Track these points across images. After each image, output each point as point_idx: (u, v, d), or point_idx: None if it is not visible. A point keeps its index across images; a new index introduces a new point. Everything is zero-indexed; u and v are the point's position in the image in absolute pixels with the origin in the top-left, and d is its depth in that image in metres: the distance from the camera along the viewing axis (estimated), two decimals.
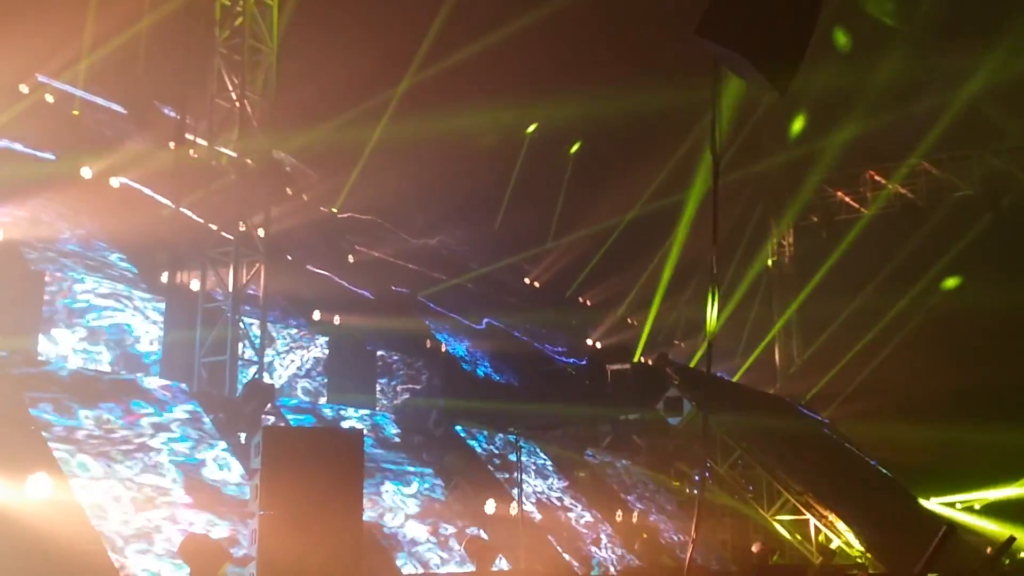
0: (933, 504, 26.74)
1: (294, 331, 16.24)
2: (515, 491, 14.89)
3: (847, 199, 28.76)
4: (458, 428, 17.59)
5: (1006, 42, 23.63)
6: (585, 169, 27.15)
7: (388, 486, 14.32)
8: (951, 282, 28.63)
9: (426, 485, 15.11)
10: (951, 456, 27.30)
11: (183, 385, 13.20)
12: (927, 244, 27.25)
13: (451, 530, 14.31)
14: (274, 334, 15.30)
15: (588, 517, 17.78)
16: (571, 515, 17.48)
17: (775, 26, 4.18)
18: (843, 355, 28.98)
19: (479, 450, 17.57)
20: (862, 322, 29.99)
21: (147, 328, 13.54)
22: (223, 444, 12.44)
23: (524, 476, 15.88)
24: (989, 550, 18.25)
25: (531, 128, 26.63)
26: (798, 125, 29.12)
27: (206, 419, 12.75)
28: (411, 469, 15.26)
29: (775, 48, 4.19)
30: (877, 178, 28.18)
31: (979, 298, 26.49)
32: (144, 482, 10.83)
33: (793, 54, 4.34)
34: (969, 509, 28.66)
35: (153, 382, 12.78)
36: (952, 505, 27.41)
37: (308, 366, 16.08)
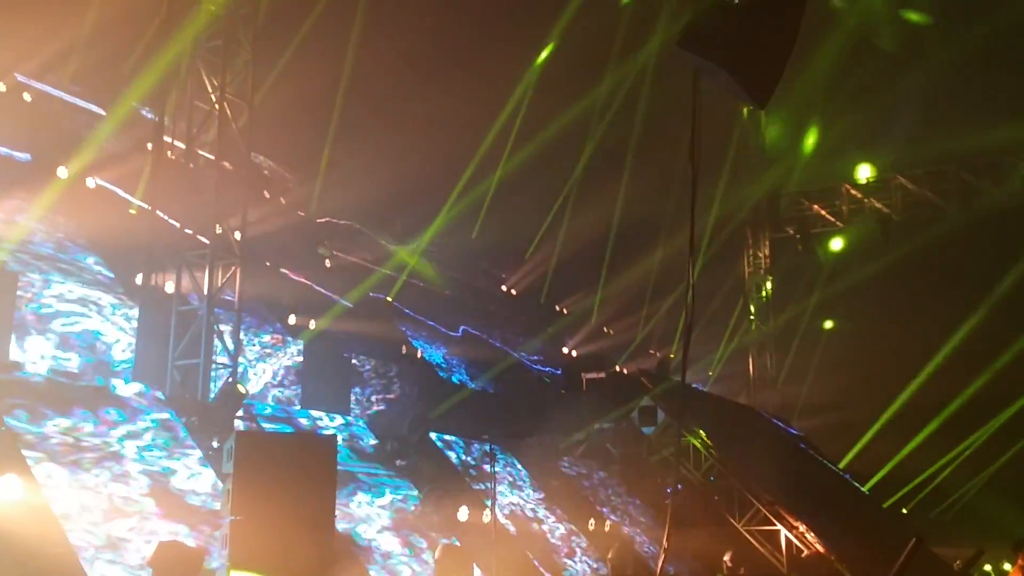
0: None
1: (267, 338, 16.14)
2: (489, 501, 14.86)
3: (823, 212, 29.00)
4: (433, 435, 17.55)
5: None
6: (562, 177, 27.17)
7: (361, 496, 14.24)
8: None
9: (400, 496, 15.04)
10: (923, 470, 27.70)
11: (158, 393, 13.07)
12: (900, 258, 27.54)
13: (424, 543, 14.24)
14: (246, 341, 15.18)
15: (562, 529, 17.77)
16: (545, 527, 17.47)
17: (756, 40, 4.22)
18: (817, 368, 29.21)
19: (454, 459, 17.53)
20: (837, 335, 30.27)
21: (117, 336, 13.38)
22: (195, 453, 12.33)
23: (499, 487, 15.86)
24: (958, 564, 18.36)
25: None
26: (773, 134, 29.55)
27: (180, 428, 12.63)
28: (385, 480, 15.19)
29: (755, 61, 4.23)
30: (853, 192, 28.41)
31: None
32: (113, 491, 10.71)
33: (773, 68, 4.37)
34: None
35: (127, 389, 12.63)
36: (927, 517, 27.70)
37: (281, 374, 15.99)
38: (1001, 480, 27.81)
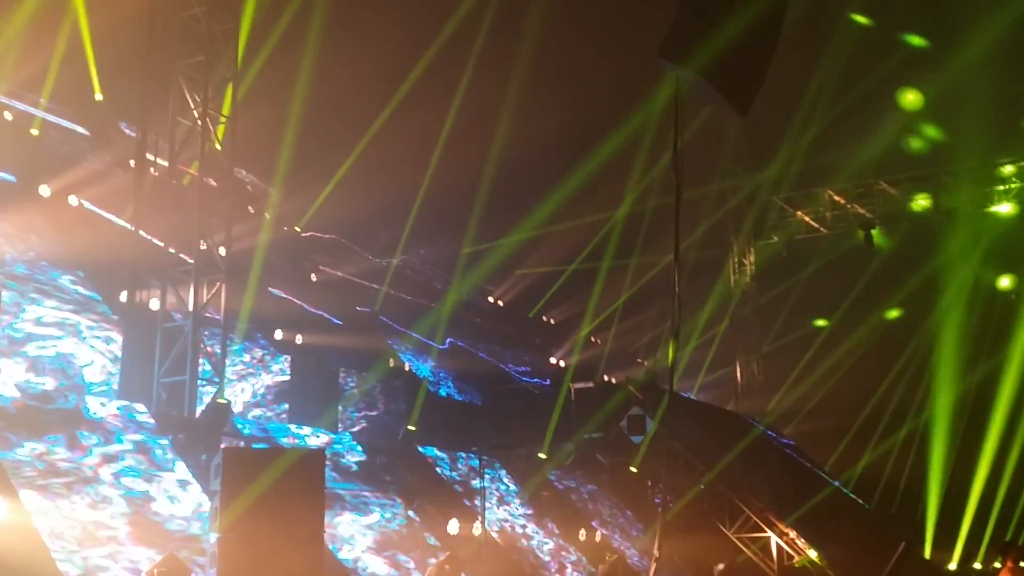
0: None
1: (248, 358, 16.06)
2: (479, 515, 14.84)
3: (807, 219, 29.10)
4: (421, 448, 17.49)
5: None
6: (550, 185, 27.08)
7: (346, 516, 14.14)
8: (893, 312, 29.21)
9: (387, 515, 14.93)
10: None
11: (137, 414, 12.91)
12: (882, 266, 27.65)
13: (411, 562, 14.15)
14: (229, 359, 15.04)
15: (551, 544, 17.73)
16: (534, 543, 17.42)
17: (736, 50, 4.23)
18: (804, 373, 29.22)
19: (443, 475, 17.47)
20: (823, 340, 30.29)
21: (93, 357, 13.16)
22: (173, 476, 12.21)
23: (488, 502, 15.83)
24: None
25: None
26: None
27: (156, 450, 12.50)
28: (371, 499, 15.09)
29: (736, 71, 4.25)
30: (836, 198, 28.53)
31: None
32: (89, 518, 10.58)
33: (754, 77, 4.39)
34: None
35: (103, 411, 12.44)
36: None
37: (264, 392, 15.88)
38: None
